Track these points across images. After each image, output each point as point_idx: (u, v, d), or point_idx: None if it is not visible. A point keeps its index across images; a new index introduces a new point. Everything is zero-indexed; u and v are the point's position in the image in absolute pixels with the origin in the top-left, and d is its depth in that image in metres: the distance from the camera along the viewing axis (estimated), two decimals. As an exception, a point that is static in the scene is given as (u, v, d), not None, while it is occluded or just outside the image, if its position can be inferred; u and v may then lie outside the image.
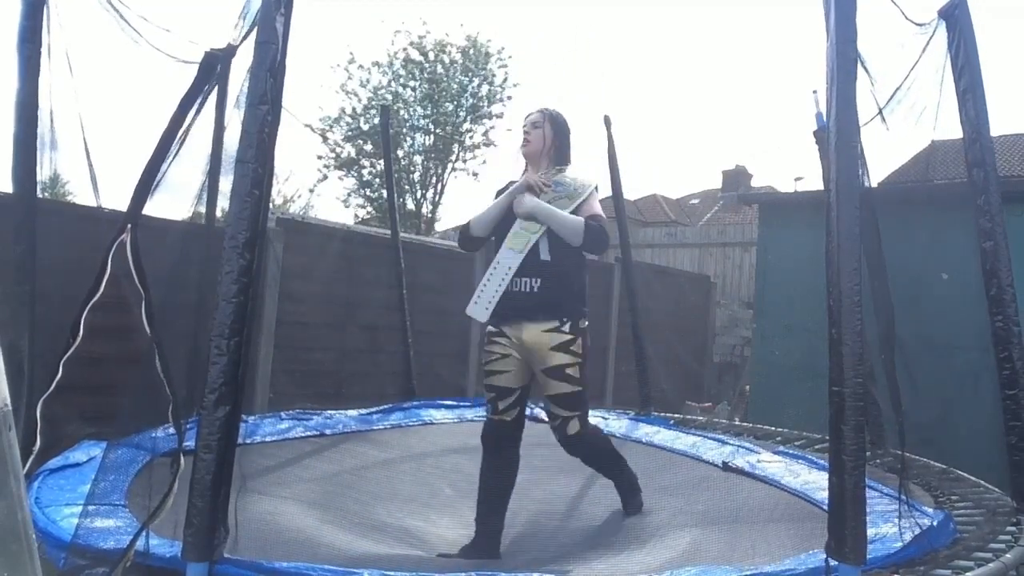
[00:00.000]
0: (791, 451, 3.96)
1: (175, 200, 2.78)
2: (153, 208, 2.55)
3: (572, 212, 2.93)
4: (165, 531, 2.07)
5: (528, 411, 3.49)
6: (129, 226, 2.31)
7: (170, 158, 2.40)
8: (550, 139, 3.09)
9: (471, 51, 17.92)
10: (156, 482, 2.17)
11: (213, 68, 2.56)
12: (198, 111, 2.48)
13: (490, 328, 2.99)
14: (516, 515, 3.14)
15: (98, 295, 2.32)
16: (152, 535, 2.03)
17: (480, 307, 2.91)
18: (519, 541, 2.94)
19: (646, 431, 4.77)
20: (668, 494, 3.41)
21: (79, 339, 2.33)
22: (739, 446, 4.13)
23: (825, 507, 2.09)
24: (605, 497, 3.33)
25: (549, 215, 2.91)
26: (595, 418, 4.74)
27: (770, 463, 3.71)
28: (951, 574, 2.26)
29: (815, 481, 3.25)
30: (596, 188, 3.08)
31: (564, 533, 3.13)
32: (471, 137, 18.33)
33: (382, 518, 3.10)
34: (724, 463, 3.76)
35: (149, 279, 2.28)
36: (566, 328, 2.89)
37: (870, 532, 2.04)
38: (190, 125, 2.44)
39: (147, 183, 2.41)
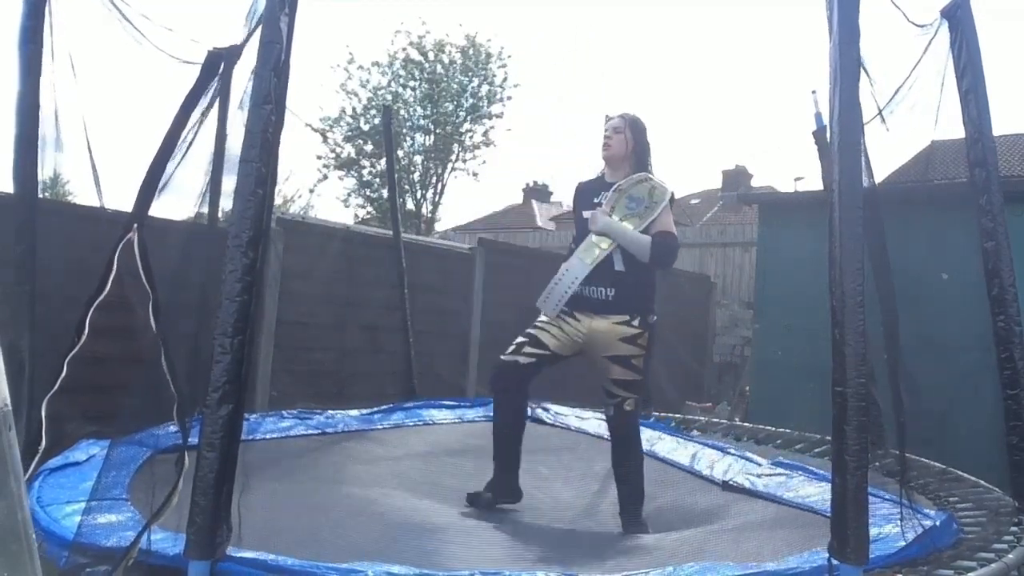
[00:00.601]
0: (792, 461, 3.93)
1: (178, 200, 2.79)
2: (156, 208, 2.56)
3: (645, 227, 3.09)
4: (169, 524, 2.07)
5: (528, 412, 3.49)
6: (136, 225, 2.31)
7: (176, 158, 2.40)
8: (631, 144, 3.19)
9: (471, 51, 17.88)
10: (159, 480, 2.17)
11: (216, 67, 2.56)
12: (202, 111, 2.47)
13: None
14: (520, 517, 3.15)
15: (104, 294, 2.32)
16: (156, 529, 2.03)
17: (549, 305, 3.12)
18: (522, 542, 2.93)
19: (647, 437, 4.72)
20: (669, 510, 3.40)
21: (84, 338, 2.33)
22: (740, 456, 4.09)
23: (828, 515, 2.08)
24: (607, 500, 3.33)
25: (619, 234, 3.09)
26: (595, 419, 4.76)
27: (772, 477, 3.69)
28: (953, 574, 2.26)
29: (816, 494, 3.24)
30: (672, 199, 3.16)
31: (566, 534, 3.13)
32: (471, 137, 18.29)
33: (384, 516, 3.09)
34: (724, 482, 3.73)
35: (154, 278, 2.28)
36: (635, 323, 3.09)
37: (872, 532, 2.04)
38: (194, 125, 2.44)
39: (152, 183, 2.41)
